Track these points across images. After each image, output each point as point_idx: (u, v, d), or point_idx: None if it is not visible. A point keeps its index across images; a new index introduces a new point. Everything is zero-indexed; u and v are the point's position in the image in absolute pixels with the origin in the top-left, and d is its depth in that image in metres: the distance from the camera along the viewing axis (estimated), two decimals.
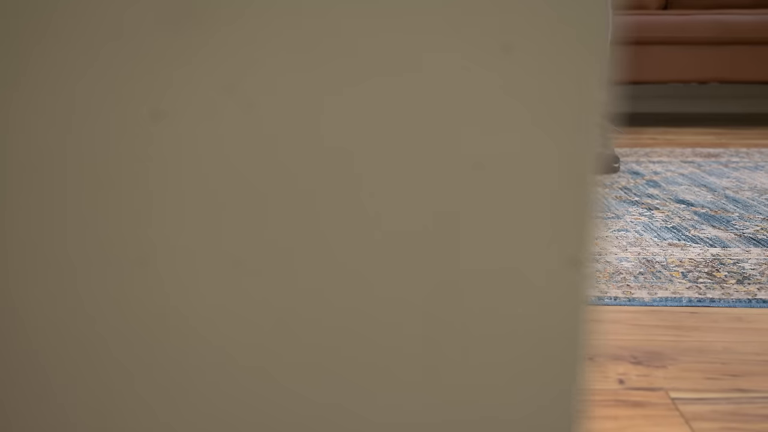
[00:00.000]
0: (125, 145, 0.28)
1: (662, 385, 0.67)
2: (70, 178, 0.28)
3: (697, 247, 1.11)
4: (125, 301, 0.29)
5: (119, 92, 0.27)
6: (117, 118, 0.27)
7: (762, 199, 1.46)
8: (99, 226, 0.28)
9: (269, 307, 0.29)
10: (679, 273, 0.98)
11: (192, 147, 0.27)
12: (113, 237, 0.28)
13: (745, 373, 0.70)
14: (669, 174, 1.77)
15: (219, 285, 0.28)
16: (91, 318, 0.29)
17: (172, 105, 0.27)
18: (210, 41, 0.27)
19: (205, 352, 0.29)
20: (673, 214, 1.33)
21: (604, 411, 0.63)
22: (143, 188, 0.28)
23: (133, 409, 0.30)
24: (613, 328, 0.81)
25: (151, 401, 0.30)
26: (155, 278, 0.29)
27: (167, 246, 0.28)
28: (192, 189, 0.28)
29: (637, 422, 0.61)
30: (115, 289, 0.29)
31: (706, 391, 0.66)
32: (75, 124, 0.27)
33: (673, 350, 0.75)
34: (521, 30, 0.26)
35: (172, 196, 0.28)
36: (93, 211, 0.28)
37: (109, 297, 0.29)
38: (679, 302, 0.88)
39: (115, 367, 0.30)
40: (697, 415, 0.62)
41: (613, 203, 1.44)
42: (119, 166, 0.28)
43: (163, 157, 0.28)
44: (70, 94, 0.27)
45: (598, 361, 0.72)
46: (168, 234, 0.28)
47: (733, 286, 0.93)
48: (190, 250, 0.28)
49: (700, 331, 0.80)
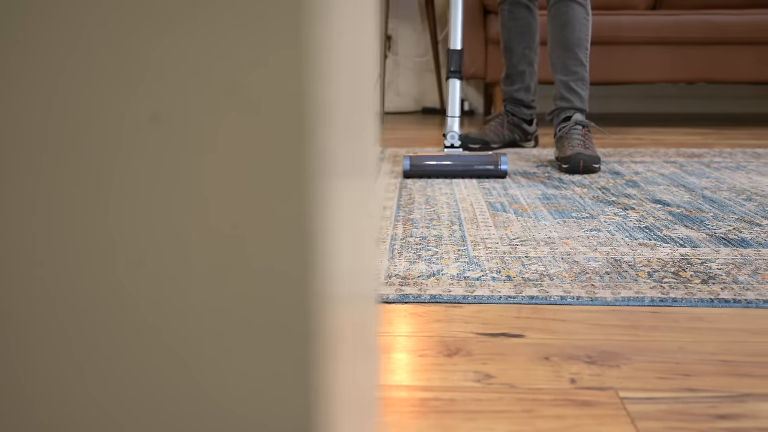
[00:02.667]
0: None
1: (613, 385, 0.67)
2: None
3: (667, 247, 1.11)
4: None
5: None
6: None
7: (739, 200, 1.46)
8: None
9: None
10: (645, 273, 0.99)
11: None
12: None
13: (698, 373, 0.70)
14: (649, 174, 1.77)
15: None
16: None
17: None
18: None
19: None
20: (647, 214, 1.33)
21: (552, 410, 0.63)
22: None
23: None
24: (573, 327, 0.81)
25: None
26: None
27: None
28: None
29: (583, 422, 0.61)
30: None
31: (655, 390, 0.66)
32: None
33: (628, 350, 0.75)
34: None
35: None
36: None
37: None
38: (642, 302, 0.88)
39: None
40: (644, 414, 0.62)
41: (589, 203, 1.44)
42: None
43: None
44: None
45: (552, 361, 0.73)
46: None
47: (697, 285, 0.93)
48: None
49: (659, 331, 0.80)
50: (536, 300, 0.89)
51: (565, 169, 1.79)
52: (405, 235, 1.19)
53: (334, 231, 0.27)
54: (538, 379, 0.69)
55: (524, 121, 2.23)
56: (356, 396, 0.31)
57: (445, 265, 1.03)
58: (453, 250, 1.10)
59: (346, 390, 0.29)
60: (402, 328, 0.82)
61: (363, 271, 0.31)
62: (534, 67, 2.18)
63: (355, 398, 0.31)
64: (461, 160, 1.70)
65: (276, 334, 0.27)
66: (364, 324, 0.32)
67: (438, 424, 0.61)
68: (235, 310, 0.27)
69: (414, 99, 3.63)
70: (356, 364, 0.30)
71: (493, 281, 0.96)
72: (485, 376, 0.69)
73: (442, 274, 0.99)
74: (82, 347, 0.29)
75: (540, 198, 1.49)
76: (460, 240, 1.17)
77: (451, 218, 1.32)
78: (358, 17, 0.31)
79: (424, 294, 0.91)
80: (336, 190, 0.27)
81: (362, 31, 0.32)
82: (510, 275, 0.98)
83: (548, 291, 0.92)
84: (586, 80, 1.98)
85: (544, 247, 1.12)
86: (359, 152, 0.32)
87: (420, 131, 2.81)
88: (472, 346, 0.76)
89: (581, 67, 1.96)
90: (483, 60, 2.97)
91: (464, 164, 1.69)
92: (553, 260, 1.05)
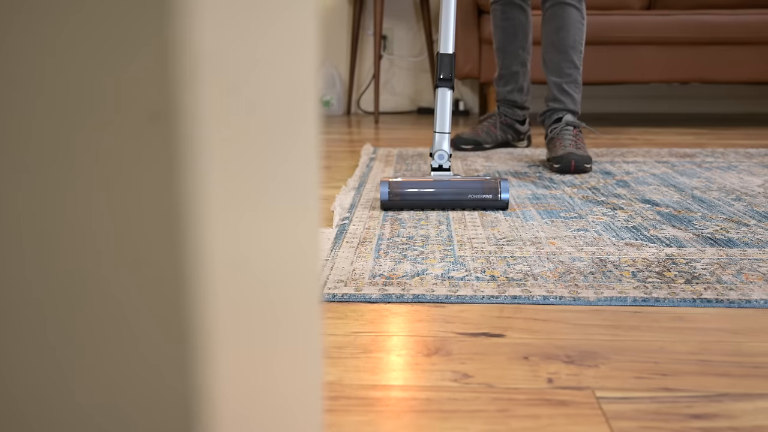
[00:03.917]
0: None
1: (590, 384, 0.67)
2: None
3: (653, 247, 1.11)
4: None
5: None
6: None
7: (728, 200, 1.47)
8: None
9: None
10: (630, 273, 0.99)
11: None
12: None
13: (675, 373, 0.70)
14: (640, 174, 1.77)
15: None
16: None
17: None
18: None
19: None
20: (636, 214, 1.33)
21: (527, 410, 0.63)
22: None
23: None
24: (554, 327, 0.81)
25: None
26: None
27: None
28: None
29: (558, 421, 0.61)
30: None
31: (632, 390, 0.66)
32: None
33: (608, 350, 0.75)
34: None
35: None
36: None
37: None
38: (624, 302, 0.88)
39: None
40: (619, 413, 0.62)
41: (578, 203, 1.44)
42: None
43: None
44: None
45: (531, 361, 0.73)
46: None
47: (681, 285, 0.93)
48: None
49: (639, 331, 0.80)
50: (519, 300, 0.89)
51: (556, 169, 1.79)
52: (392, 235, 1.19)
53: (207, 228, 0.26)
54: (515, 379, 0.69)
55: (517, 121, 2.23)
56: (263, 397, 0.31)
57: (430, 265, 1.03)
58: (439, 250, 1.10)
59: (237, 392, 0.28)
60: (382, 327, 0.82)
61: (274, 272, 0.31)
62: (527, 67, 2.18)
63: (262, 399, 0.30)
64: (452, 188, 1.40)
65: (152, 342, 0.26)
66: (281, 327, 0.32)
67: (412, 423, 0.61)
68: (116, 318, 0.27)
69: (409, 99, 3.63)
70: (260, 366, 0.30)
71: (477, 281, 0.96)
72: (463, 375, 0.69)
73: (426, 273, 0.99)
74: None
75: (530, 198, 1.49)
76: (446, 240, 1.17)
77: (439, 218, 1.32)
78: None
79: (407, 294, 0.91)
80: (211, 188, 0.26)
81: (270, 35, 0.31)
82: (494, 275, 0.98)
83: (531, 291, 0.92)
84: (579, 83, 1.98)
85: (530, 246, 1.12)
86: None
87: (414, 131, 2.82)
88: (452, 345, 0.76)
89: (575, 69, 1.96)
90: (477, 60, 2.97)
91: (456, 193, 1.39)
92: (539, 260, 1.05)
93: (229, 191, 0.27)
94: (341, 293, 0.91)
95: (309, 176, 0.32)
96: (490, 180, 1.39)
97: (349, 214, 1.34)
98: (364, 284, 0.94)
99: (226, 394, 0.27)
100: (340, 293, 0.91)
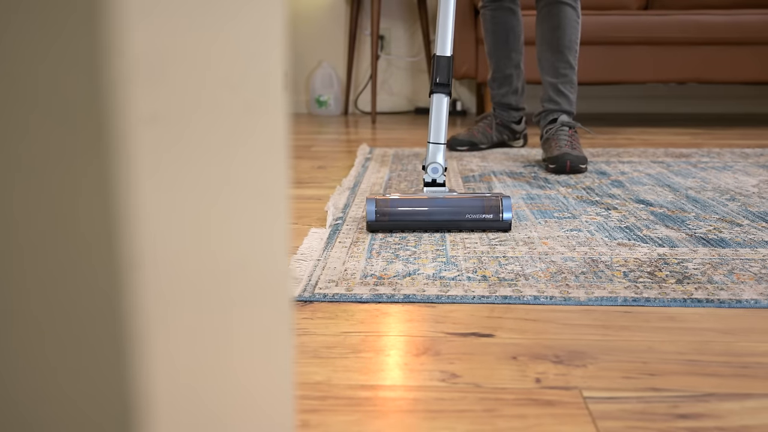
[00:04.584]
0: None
1: (577, 384, 0.67)
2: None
3: (645, 247, 1.11)
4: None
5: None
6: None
7: (722, 200, 1.47)
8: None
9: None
10: (621, 273, 0.99)
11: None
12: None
13: (663, 372, 0.70)
14: (635, 174, 1.77)
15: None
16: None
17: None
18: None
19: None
20: (629, 214, 1.33)
21: (514, 410, 0.63)
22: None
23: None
24: (544, 327, 0.81)
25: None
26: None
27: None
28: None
29: (544, 421, 0.61)
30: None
31: (619, 390, 0.66)
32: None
33: (597, 350, 0.75)
34: None
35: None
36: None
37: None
38: (614, 302, 0.88)
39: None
40: (605, 413, 0.62)
41: (573, 203, 1.44)
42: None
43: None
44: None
45: (520, 361, 0.73)
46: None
47: (672, 285, 0.93)
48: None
49: (629, 331, 0.80)
50: (509, 300, 0.89)
51: (551, 169, 1.79)
52: (385, 235, 1.19)
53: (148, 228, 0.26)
54: (503, 379, 0.69)
55: (513, 122, 2.23)
56: (222, 396, 0.30)
57: (422, 265, 1.03)
58: (431, 250, 1.10)
59: (184, 390, 0.28)
60: (372, 327, 0.82)
61: (235, 272, 0.31)
62: (521, 68, 2.18)
63: (222, 398, 0.30)
64: (448, 206, 1.23)
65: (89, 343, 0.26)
66: (244, 327, 0.31)
67: (399, 423, 0.61)
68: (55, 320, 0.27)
69: (407, 99, 3.63)
70: (218, 366, 0.30)
71: (468, 281, 0.96)
72: (451, 375, 0.69)
73: (418, 273, 0.99)
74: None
75: (524, 198, 1.49)
76: (439, 240, 1.17)
77: None
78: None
79: (397, 294, 0.91)
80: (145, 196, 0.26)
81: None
82: (486, 275, 0.98)
83: (522, 291, 0.92)
84: (574, 83, 1.98)
85: (522, 246, 1.12)
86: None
87: (411, 131, 2.81)
88: (441, 345, 0.76)
89: (570, 69, 1.96)
90: (474, 59, 2.97)
91: (452, 212, 1.23)
92: (531, 260, 1.05)
93: (171, 186, 0.27)
94: (332, 293, 0.91)
95: (274, 175, 0.31)
96: (491, 198, 1.23)
97: (343, 214, 1.34)
98: (355, 284, 0.95)
99: (167, 391, 0.27)
100: (331, 293, 0.91)
